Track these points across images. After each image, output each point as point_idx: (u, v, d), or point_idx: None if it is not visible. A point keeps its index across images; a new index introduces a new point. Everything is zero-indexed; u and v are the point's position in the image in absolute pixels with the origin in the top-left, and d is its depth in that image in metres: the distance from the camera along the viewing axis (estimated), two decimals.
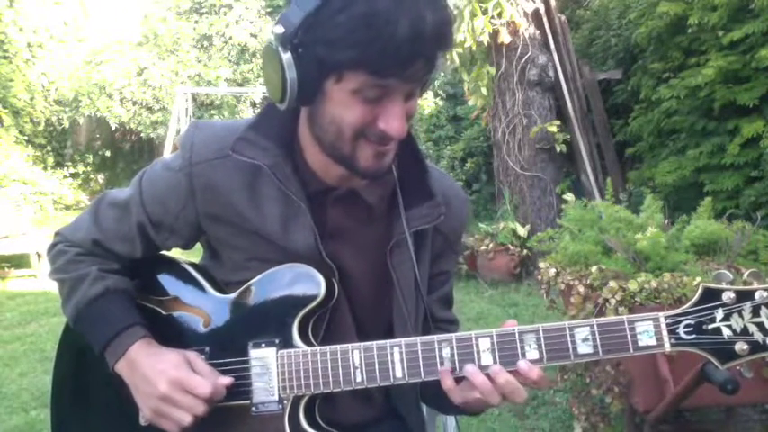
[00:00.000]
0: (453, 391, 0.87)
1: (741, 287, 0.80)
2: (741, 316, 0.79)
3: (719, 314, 0.80)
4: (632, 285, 1.86)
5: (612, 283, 1.89)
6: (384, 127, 0.82)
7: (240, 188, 0.94)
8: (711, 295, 0.81)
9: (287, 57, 0.79)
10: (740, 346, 0.79)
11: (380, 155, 0.87)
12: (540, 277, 2.34)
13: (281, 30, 0.78)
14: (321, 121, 0.86)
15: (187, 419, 0.87)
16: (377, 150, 0.86)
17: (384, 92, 0.80)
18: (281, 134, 0.94)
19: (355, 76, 0.78)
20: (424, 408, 1.16)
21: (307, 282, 0.92)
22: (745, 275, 0.81)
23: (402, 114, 0.83)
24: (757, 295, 0.79)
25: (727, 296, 0.80)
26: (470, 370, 0.84)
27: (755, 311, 0.79)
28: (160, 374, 0.89)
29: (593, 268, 2.04)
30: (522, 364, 0.83)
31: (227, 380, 0.91)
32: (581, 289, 2.03)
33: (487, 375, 0.84)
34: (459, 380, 0.87)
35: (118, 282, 0.99)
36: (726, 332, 0.80)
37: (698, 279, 1.84)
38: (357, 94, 0.80)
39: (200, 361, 0.93)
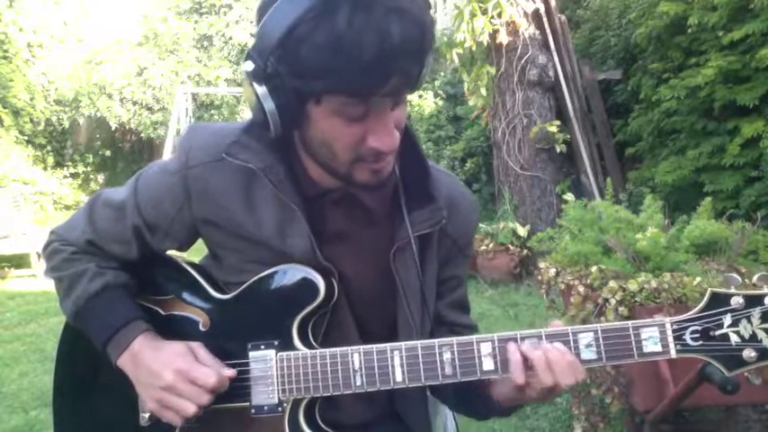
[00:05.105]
0: (520, 390, 0.85)
1: (750, 292, 0.77)
2: (750, 322, 0.76)
3: (728, 320, 0.77)
4: (632, 285, 1.86)
5: (612, 283, 1.89)
6: (375, 144, 0.81)
7: (235, 192, 0.93)
8: (719, 300, 0.78)
9: (262, 90, 0.78)
10: (748, 353, 0.76)
11: (377, 171, 0.86)
12: (540, 277, 2.34)
13: (250, 66, 0.77)
14: (312, 144, 0.85)
15: (191, 410, 0.87)
16: (373, 168, 0.85)
17: (366, 109, 0.79)
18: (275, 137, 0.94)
19: (334, 97, 0.77)
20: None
21: (306, 283, 0.91)
22: (755, 279, 0.77)
23: (391, 128, 0.81)
24: (767, 300, 0.76)
25: (736, 301, 0.77)
26: (515, 348, 0.82)
27: (765, 317, 0.76)
28: (165, 365, 0.88)
29: (594, 268, 2.04)
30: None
31: (230, 371, 0.91)
32: (581, 289, 2.02)
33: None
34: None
35: (117, 276, 0.99)
36: (734, 338, 0.77)
37: (698, 279, 1.84)
38: (340, 114, 0.79)
39: (202, 350, 0.92)
